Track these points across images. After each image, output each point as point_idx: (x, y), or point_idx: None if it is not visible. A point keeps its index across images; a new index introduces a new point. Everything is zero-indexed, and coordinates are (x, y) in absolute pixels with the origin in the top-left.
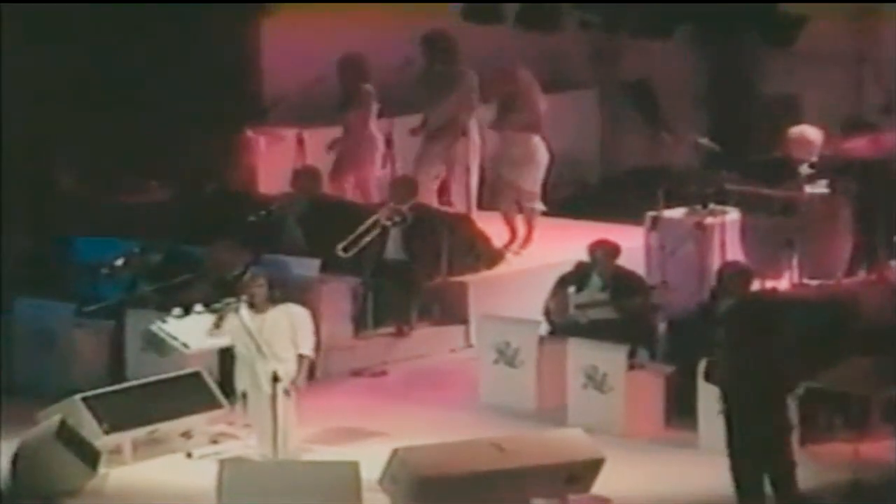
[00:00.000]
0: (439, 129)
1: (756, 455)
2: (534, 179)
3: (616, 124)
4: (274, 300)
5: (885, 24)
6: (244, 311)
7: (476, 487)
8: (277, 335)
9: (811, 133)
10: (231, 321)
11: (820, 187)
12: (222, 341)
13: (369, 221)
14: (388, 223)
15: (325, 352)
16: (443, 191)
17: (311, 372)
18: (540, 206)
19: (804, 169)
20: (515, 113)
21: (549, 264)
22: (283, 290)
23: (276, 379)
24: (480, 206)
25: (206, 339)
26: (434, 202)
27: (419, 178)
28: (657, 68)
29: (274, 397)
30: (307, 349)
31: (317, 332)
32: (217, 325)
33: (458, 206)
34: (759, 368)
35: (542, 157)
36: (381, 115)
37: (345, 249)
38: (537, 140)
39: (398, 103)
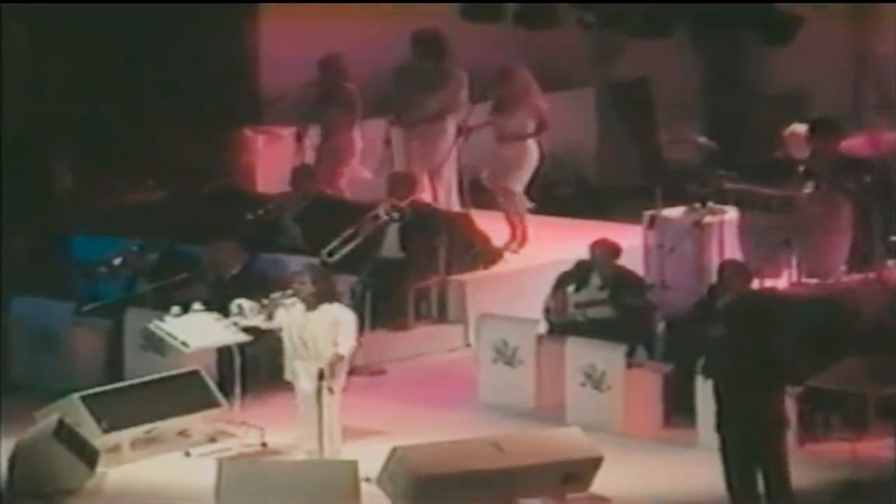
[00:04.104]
0: (424, 127)
1: (749, 453)
2: (517, 180)
3: (614, 123)
4: (321, 299)
5: (884, 24)
6: (297, 307)
7: (474, 486)
8: (320, 333)
9: (799, 128)
10: (281, 316)
11: (818, 186)
12: (221, 340)
13: (365, 218)
14: (387, 217)
15: None
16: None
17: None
18: (526, 204)
19: (802, 168)
20: (512, 113)
21: (546, 263)
22: (332, 290)
23: (321, 376)
24: (477, 206)
25: (204, 338)
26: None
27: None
28: (655, 67)
29: (319, 394)
30: (343, 349)
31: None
32: (269, 319)
33: (443, 205)
34: (755, 366)
35: (533, 158)
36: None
37: (329, 254)
38: (531, 142)
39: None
